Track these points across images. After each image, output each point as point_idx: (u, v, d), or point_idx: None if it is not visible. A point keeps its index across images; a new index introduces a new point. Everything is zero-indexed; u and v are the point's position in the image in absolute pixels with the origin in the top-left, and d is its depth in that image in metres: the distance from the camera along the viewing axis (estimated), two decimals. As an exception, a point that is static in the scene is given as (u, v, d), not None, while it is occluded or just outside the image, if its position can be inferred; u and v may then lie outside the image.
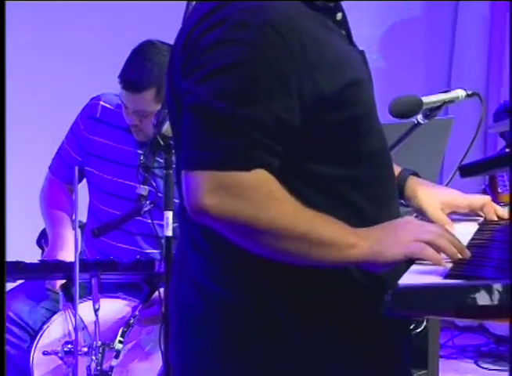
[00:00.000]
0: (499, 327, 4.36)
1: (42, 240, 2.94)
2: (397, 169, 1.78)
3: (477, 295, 1.33)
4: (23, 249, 2.74)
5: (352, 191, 1.56)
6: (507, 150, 1.49)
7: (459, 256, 1.48)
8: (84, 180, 2.93)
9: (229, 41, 1.46)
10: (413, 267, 1.47)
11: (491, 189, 4.03)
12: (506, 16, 4.68)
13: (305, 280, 1.55)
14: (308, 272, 1.53)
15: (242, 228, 1.48)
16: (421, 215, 1.84)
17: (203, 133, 1.47)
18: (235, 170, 1.45)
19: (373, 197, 1.58)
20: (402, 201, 1.81)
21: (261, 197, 1.46)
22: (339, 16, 1.62)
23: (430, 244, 1.47)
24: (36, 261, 2.55)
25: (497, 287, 1.33)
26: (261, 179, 1.46)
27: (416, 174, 1.84)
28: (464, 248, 1.51)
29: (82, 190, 2.87)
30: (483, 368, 4.07)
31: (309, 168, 1.54)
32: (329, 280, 1.55)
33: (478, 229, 1.74)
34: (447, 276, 1.41)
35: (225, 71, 1.45)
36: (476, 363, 4.13)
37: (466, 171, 1.52)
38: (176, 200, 1.82)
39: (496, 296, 1.33)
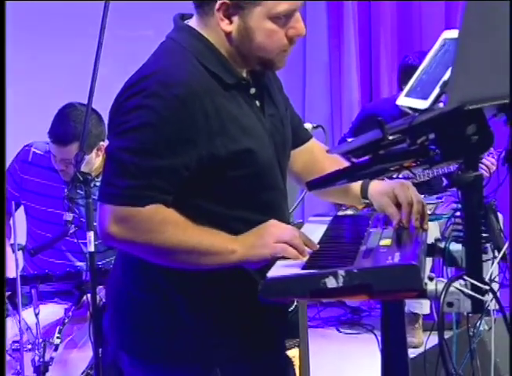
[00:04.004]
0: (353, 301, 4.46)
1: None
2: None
3: (326, 280, 1.39)
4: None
5: (245, 230, 1.60)
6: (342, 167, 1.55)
7: (307, 251, 1.56)
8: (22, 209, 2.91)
9: (143, 107, 1.52)
10: (279, 262, 1.52)
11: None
12: (342, 64, 4.70)
13: (203, 287, 1.61)
14: (205, 280, 1.59)
15: (139, 249, 1.58)
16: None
17: (112, 174, 1.57)
18: (130, 206, 1.53)
19: None
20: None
21: (155, 224, 1.54)
22: (252, 90, 1.64)
23: (288, 243, 1.55)
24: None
25: (341, 272, 1.39)
26: (154, 212, 1.53)
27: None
28: (314, 244, 1.59)
29: (22, 218, 2.86)
30: (343, 333, 4.17)
31: (207, 207, 1.58)
32: (223, 285, 1.61)
33: (327, 229, 1.78)
34: (304, 268, 1.49)
35: (135, 131, 1.53)
36: (337, 329, 4.21)
37: (312, 185, 1.57)
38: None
39: (341, 279, 1.39)
